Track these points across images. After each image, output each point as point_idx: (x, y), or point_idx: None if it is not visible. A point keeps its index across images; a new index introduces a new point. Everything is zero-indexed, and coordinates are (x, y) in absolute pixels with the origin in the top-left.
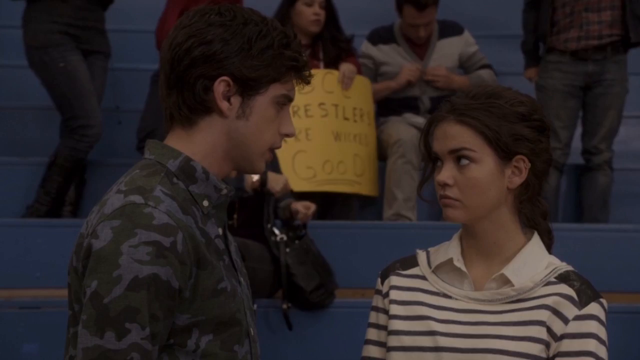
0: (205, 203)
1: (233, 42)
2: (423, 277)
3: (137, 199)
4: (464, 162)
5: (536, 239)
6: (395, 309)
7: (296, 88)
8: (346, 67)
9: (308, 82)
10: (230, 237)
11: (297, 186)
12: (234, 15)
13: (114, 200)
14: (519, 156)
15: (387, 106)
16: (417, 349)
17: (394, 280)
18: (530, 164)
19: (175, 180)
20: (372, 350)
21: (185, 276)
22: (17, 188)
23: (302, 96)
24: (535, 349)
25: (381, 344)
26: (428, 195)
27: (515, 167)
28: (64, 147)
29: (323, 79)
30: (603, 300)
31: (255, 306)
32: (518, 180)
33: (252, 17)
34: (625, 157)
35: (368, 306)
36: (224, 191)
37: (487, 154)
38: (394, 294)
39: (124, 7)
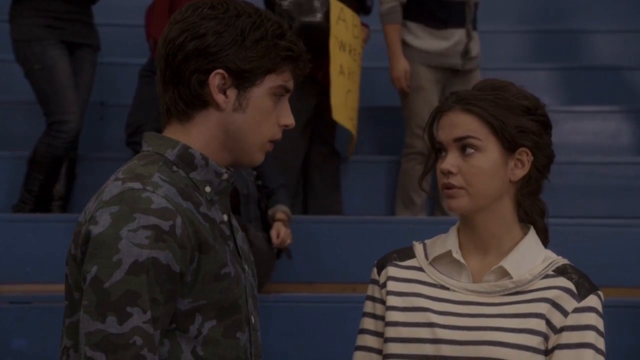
0: (208, 189)
1: (226, 35)
2: (420, 269)
3: (135, 185)
4: (469, 150)
5: (532, 233)
6: (392, 300)
7: (350, 30)
8: (366, 33)
9: (305, 72)
10: (235, 224)
11: (343, 120)
12: (226, 7)
13: (112, 187)
14: (522, 149)
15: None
16: (416, 341)
17: (392, 271)
18: (533, 158)
19: (175, 168)
20: (368, 340)
21: (185, 260)
22: (5, 182)
23: (355, 40)
24: (534, 341)
25: (378, 334)
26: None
27: (518, 159)
28: (40, 144)
29: (363, 31)
30: (600, 293)
31: None
32: (520, 172)
33: (246, 9)
34: (617, 151)
35: (359, 301)
36: (225, 176)
37: (492, 143)
38: (392, 285)
39: (111, 1)
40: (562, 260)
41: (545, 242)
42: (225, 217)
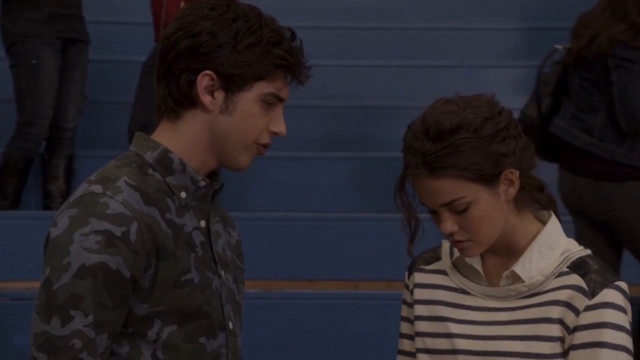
0: (183, 194)
1: (220, 36)
2: (444, 272)
3: (96, 188)
4: (461, 208)
5: (550, 225)
6: (418, 309)
7: None
8: None
9: (303, 83)
10: (219, 229)
11: None
12: (226, 9)
13: (79, 189)
14: (505, 171)
15: None
16: (437, 352)
17: (417, 277)
18: (518, 170)
19: (150, 171)
20: (406, 344)
21: (139, 266)
22: None
23: None
24: (544, 347)
25: (413, 337)
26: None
27: (506, 179)
28: (12, 149)
29: None
30: (620, 284)
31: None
32: (513, 190)
33: (246, 13)
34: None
35: (360, 298)
36: (202, 183)
37: (478, 191)
38: (417, 293)
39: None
40: (578, 253)
41: (554, 210)
42: (202, 223)
